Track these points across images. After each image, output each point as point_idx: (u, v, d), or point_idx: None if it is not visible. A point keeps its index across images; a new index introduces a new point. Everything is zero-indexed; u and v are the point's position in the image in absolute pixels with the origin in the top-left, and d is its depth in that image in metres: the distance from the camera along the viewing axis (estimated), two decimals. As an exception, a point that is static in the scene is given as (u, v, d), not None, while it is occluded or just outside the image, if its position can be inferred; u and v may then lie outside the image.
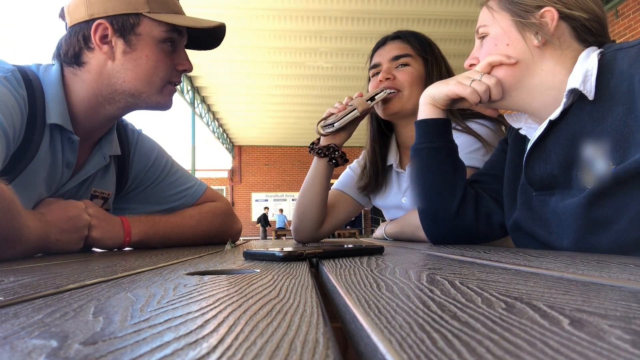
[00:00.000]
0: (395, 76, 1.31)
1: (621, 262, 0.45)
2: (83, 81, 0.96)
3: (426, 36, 1.39)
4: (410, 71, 1.31)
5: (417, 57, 1.33)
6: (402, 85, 1.30)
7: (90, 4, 0.94)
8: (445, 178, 0.97)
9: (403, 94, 1.30)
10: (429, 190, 0.98)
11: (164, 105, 1.02)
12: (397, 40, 1.36)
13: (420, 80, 1.31)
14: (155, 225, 1.07)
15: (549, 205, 0.82)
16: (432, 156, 0.97)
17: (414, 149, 0.99)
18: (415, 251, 0.77)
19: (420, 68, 1.32)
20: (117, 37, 0.94)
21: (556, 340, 0.17)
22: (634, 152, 0.66)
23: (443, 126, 0.98)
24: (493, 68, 0.86)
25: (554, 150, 0.81)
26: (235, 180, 15.37)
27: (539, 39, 0.81)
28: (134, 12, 0.95)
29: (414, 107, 1.30)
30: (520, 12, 0.83)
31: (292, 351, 0.17)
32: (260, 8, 6.30)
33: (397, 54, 1.33)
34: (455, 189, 0.96)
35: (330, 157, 1.32)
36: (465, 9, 6.27)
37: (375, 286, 0.33)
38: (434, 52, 1.35)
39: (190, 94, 8.87)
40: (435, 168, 0.97)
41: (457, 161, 0.99)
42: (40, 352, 0.17)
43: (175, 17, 0.98)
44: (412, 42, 1.34)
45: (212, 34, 1.07)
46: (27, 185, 0.89)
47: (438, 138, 0.97)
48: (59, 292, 0.33)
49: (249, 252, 0.64)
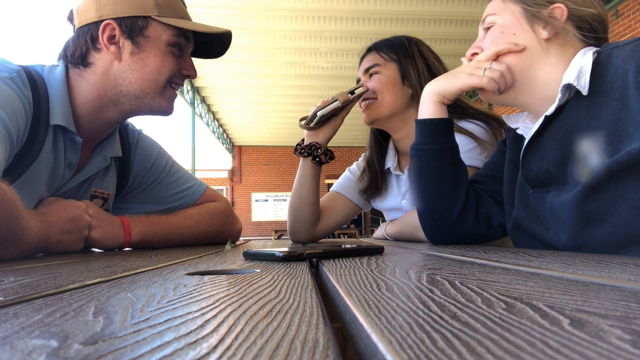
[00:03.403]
0: (368, 87, 1.36)
1: (621, 262, 0.45)
2: (88, 82, 0.96)
3: (404, 38, 1.41)
4: (378, 78, 1.35)
5: (387, 63, 1.36)
6: (374, 93, 1.34)
7: (100, 6, 0.94)
8: (447, 181, 0.95)
9: (377, 100, 1.34)
10: (430, 193, 0.97)
11: (166, 110, 1.03)
12: (368, 54, 1.41)
13: (392, 83, 1.34)
14: (155, 226, 1.07)
15: (545, 202, 0.82)
16: (435, 158, 0.95)
17: (415, 148, 0.98)
18: (415, 251, 0.77)
19: (392, 72, 1.35)
20: (124, 39, 0.95)
21: (556, 341, 0.17)
22: (626, 145, 0.67)
23: (446, 126, 0.96)
24: (499, 57, 0.85)
25: (549, 146, 0.81)
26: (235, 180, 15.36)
27: (548, 31, 0.82)
28: (143, 15, 0.95)
29: (391, 111, 1.35)
30: (531, 4, 0.84)
31: (292, 351, 0.17)
32: (260, 8, 6.30)
33: (367, 67, 1.38)
34: (457, 192, 0.95)
35: (313, 155, 1.34)
36: (465, 9, 6.26)
37: (375, 286, 0.33)
38: (409, 53, 1.37)
39: (190, 94, 8.88)
40: (437, 170, 0.95)
41: (459, 163, 0.97)
42: (40, 352, 0.17)
43: (183, 22, 0.99)
44: (382, 51, 1.38)
45: (219, 41, 1.08)
46: (29, 185, 0.89)
47: (441, 139, 0.95)
48: (59, 292, 0.33)
49: (248, 252, 0.64)
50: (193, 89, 9.00)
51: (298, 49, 7.56)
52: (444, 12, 6.37)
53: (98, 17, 0.94)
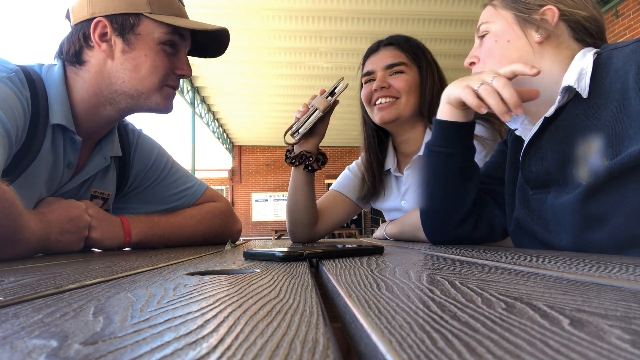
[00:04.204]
0: (391, 84, 1.29)
1: (621, 262, 0.45)
2: (84, 80, 0.96)
3: (418, 41, 1.37)
4: (405, 78, 1.29)
5: (411, 64, 1.31)
6: (398, 93, 1.29)
7: (92, 3, 0.94)
8: (455, 185, 0.94)
9: (400, 100, 1.29)
10: (435, 194, 0.96)
11: (164, 109, 1.02)
12: (390, 47, 1.34)
13: (416, 88, 1.30)
14: (155, 226, 1.07)
15: (546, 204, 0.82)
16: (445, 162, 0.93)
17: (428, 148, 0.95)
18: (415, 251, 0.77)
19: (415, 75, 1.31)
20: (116, 36, 0.94)
21: (556, 340, 0.17)
22: (627, 147, 0.67)
23: (461, 131, 0.92)
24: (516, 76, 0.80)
25: (549, 147, 0.81)
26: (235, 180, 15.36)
27: (540, 34, 0.82)
28: (134, 12, 0.95)
29: (411, 114, 1.31)
30: (523, 9, 0.85)
31: (292, 351, 0.17)
32: (260, 8, 6.30)
33: (391, 62, 1.31)
34: (464, 197, 0.94)
35: (305, 164, 1.29)
36: (465, 9, 6.26)
37: (375, 286, 0.33)
38: (427, 59, 1.34)
39: (190, 94, 8.87)
40: (446, 174, 0.93)
41: (470, 168, 0.94)
42: (40, 352, 0.17)
43: (176, 20, 0.98)
44: (406, 50, 1.32)
45: (217, 40, 1.07)
46: (29, 185, 0.89)
47: (454, 143, 0.92)
48: (59, 292, 0.33)
49: (248, 252, 0.64)
50: (193, 89, 9.00)
51: (298, 49, 7.56)
52: (444, 12, 6.37)
53: (90, 15, 0.94)
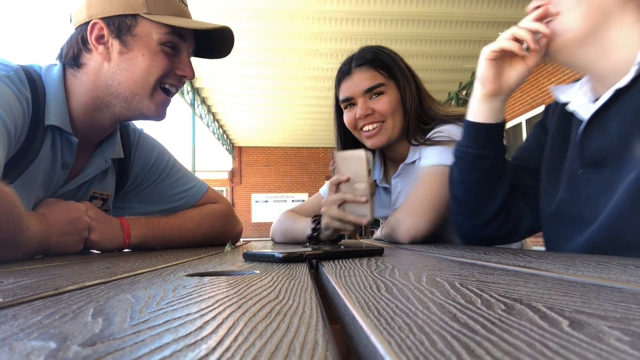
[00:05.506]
0: (374, 109, 1.24)
1: (621, 263, 0.45)
2: (82, 83, 0.95)
3: (387, 51, 1.30)
4: (387, 100, 1.24)
5: (389, 82, 1.25)
6: (383, 117, 1.24)
7: (89, 6, 0.94)
8: (484, 187, 0.91)
9: (387, 124, 1.24)
10: (464, 197, 0.94)
11: (156, 115, 0.99)
12: (363, 68, 1.26)
13: (399, 106, 1.25)
14: (154, 228, 1.07)
15: (595, 183, 0.75)
16: (474, 163, 0.90)
17: (457, 149, 0.93)
18: (415, 252, 0.77)
19: (394, 92, 1.25)
20: (113, 38, 0.94)
21: (555, 342, 0.17)
22: None
23: (489, 133, 0.89)
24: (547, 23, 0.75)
25: (615, 121, 0.72)
26: (235, 181, 15.36)
27: None
28: (131, 13, 0.94)
29: (399, 133, 1.26)
30: None
31: (291, 353, 0.17)
32: (260, 9, 6.31)
33: (369, 86, 1.24)
34: (492, 199, 0.91)
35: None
36: (466, 10, 6.26)
37: (374, 287, 0.33)
38: (401, 68, 1.27)
39: (190, 95, 8.88)
40: (474, 175, 0.91)
41: (502, 169, 0.91)
42: (39, 353, 0.17)
43: (175, 19, 0.96)
44: (380, 66, 1.25)
45: (221, 40, 1.06)
46: (27, 186, 0.88)
47: (484, 145, 0.89)
48: (58, 294, 0.33)
49: (248, 253, 0.64)
50: (193, 90, 9.01)
51: (298, 50, 7.57)
52: (445, 13, 6.37)
53: (88, 17, 0.94)
